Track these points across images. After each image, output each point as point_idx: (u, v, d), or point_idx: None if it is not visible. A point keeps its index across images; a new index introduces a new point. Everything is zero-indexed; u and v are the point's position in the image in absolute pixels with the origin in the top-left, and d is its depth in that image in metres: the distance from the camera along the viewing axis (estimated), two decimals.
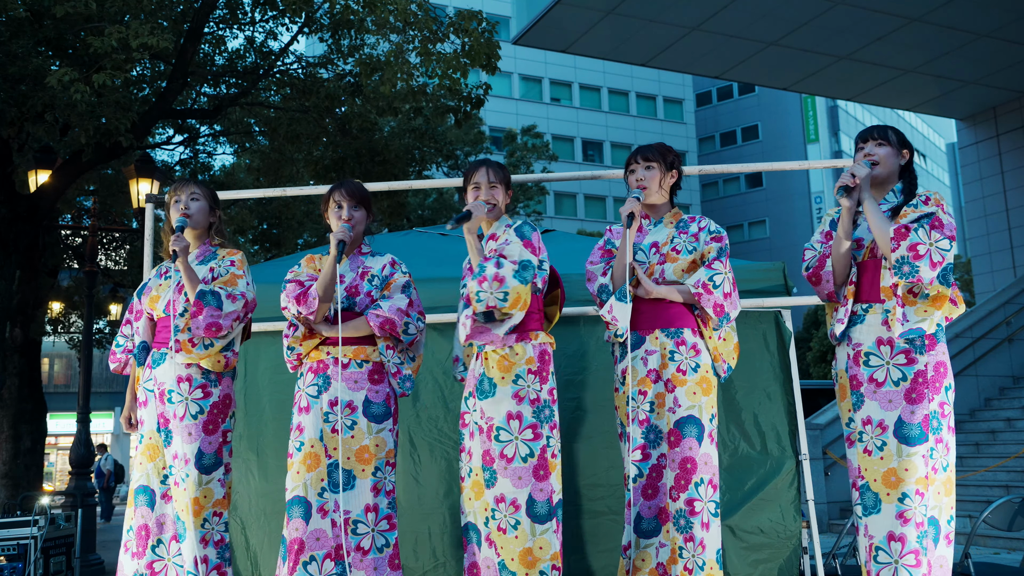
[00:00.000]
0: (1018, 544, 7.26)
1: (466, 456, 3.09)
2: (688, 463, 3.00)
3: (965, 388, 10.85)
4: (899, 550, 2.77)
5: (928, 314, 2.81)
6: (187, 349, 3.13)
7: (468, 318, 2.98)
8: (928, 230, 2.78)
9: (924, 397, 2.83)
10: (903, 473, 2.79)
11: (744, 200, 37.78)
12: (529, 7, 11.64)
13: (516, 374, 2.99)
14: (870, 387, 2.91)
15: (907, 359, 2.86)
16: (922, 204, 2.90)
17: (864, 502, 2.86)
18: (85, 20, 7.78)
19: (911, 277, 2.77)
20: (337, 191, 3.25)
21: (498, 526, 2.93)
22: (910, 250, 2.77)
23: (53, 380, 29.93)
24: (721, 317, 3.07)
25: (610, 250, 3.27)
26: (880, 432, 2.85)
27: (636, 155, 3.23)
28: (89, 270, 9.10)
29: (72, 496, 7.72)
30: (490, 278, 2.93)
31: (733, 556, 3.82)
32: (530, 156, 22.59)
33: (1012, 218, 13.56)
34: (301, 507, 3.01)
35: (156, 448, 3.22)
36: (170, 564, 3.16)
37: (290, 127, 10.41)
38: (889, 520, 2.79)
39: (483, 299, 2.92)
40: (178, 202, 3.32)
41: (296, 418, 3.15)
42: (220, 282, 3.22)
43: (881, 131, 3.05)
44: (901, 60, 11.87)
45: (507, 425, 2.96)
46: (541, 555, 2.90)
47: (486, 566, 2.98)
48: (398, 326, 3.11)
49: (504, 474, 2.93)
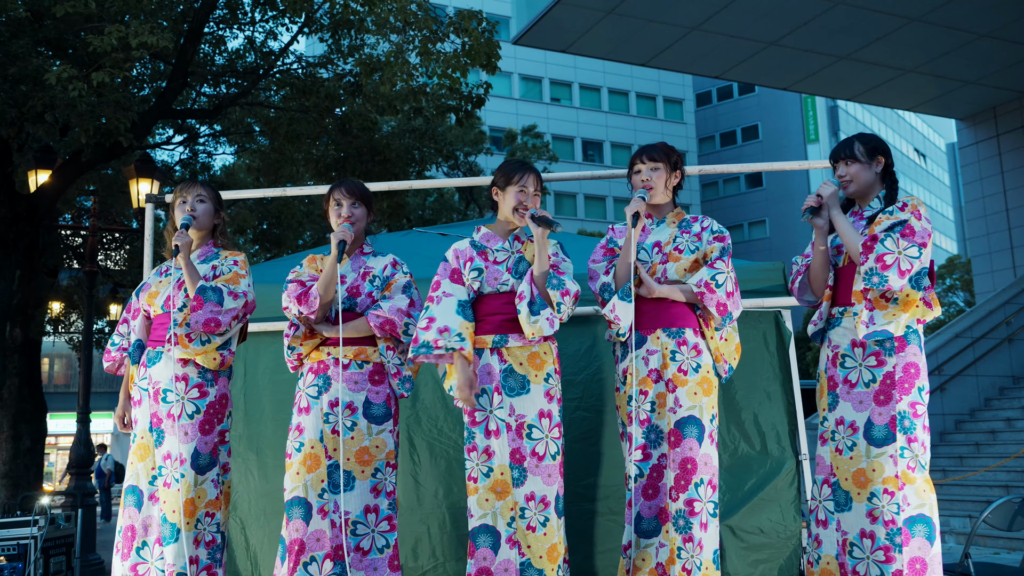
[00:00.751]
0: (1018, 544, 7.26)
1: (481, 455, 3.02)
2: (688, 463, 3.00)
3: (965, 388, 10.86)
4: (870, 546, 2.86)
5: (895, 317, 2.89)
6: (184, 344, 3.11)
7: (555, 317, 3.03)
8: (897, 239, 2.87)
9: (892, 398, 2.89)
10: (871, 473, 2.88)
11: (744, 200, 37.78)
12: (529, 7, 11.64)
13: (547, 373, 3.06)
14: (844, 388, 2.99)
15: (877, 361, 2.94)
16: (898, 211, 2.97)
17: (836, 499, 2.97)
18: (85, 20, 7.78)
19: (881, 286, 2.86)
20: (337, 190, 3.25)
21: (528, 524, 2.94)
22: (877, 261, 2.86)
23: (53, 380, 29.94)
24: (724, 316, 3.09)
25: (612, 248, 3.27)
26: (851, 432, 2.95)
27: (641, 155, 3.23)
28: (89, 270, 9.10)
29: (72, 496, 7.72)
30: (572, 293, 3.04)
31: (733, 556, 3.81)
32: (530, 156, 22.59)
33: (1012, 218, 13.56)
34: (301, 508, 3.01)
35: (147, 448, 3.19)
36: (152, 568, 3.11)
37: (290, 127, 10.41)
38: (860, 518, 2.89)
39: (563, 311, 3.03)
40: (184, 202, 3.33)
41: (296, 418, 3.15)
42: (222, 279, 3.22)
43: (848, 148, 3.11)
44: (901, 60, 11.87)
45: (539, 423, 3.01)
46: (560, 550, 2.98)
47: (503, 569, 2.93)
48: (398, 327, 3.11)
49: (536, 472, 2.97)
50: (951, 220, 49.29)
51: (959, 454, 9.97)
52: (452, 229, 5.63)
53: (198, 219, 3.31)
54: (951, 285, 32.97)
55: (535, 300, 3.01)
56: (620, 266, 3.14)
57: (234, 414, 4.03)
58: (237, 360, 3.86)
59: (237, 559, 3.99)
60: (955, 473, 9.37)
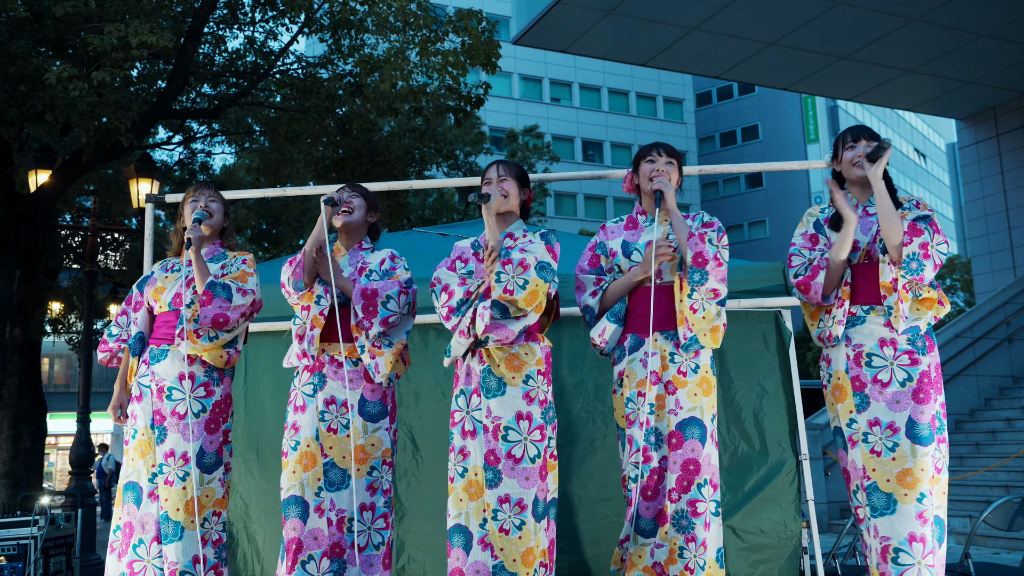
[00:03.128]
0: (1018, 544, 7.26)
1: (458, 456, 3.01)
2: (691, 464, 2.99)
3: (965, 388, 10.86)
4: (921, 551, 2.77)
5: (921, 313, 2.88)
6: (192, 339, 3.12)
7: (486, 309, 2.94)
8: (932, 232, 2.85)
9: (930, 397, 2.88)
10: (919, 473, 2.81)
11: (744, 200, 37.78)
12: (529, 7, 11.64)
13: (527, 374, 2.99)
14: (875, 388, 2.91)
15: (911, 360, 2.90)
16: (914, 208, 2.96)
17: (873, 503, 2.84)
18: (85, 20, 7.78)
19: (916, 274, 2.81)
20: (340, 190, 3.35)
21: (500, 527, 2.89)
22: (922, 247, 2.82)
23: (53, 380, 29.93)
24: (701, 268, 2.97)
25: (599, 256, 3.23)
26: (891, 433, 2.86)
27: (657, 147, 3.21)
28: (89, 270, 9.09)
29: (72, 496, 7.71)
30: (515, 262, 2.94)
31: (734, 556, 3.81)
32: (531, 156, 22.59)
33: (1012, 218, 13.55)
34: (298, 507, 3.02)
35: (148, 445, 3.19)
36: (149, 565, 3.10)
37: (290, 127, 10.41)
38: (908, 521, 2.78)
39: (503, 281, 2.92)
40: (196, 201, 3.35)
41: (291, 416, 3.15)
42: (231, 276, 3.24)
43: (872, 133, 3.09)
44: (901, 60, 11.87)
45: (516, 425, 2.94)
46: (537, 553, 2.91)
47: (475, 571, 2.89)
48: (379, 296, 3.07)
49: (511, 474, 2.91)
50: (951, 220, 49.29)
51: (959, 454, 9.97)
52: (452, 229, 5.63)
53: (212, 217, 3.34)
54: (951, 285, 32.99)
55: (464, 300, 3.01)
56: (614, 289, 3.13)
57: (236, 413, 4.05)
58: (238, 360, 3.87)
59: (239, 558, 4.00)
60: (955, 473, 9.36)
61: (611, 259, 3.21)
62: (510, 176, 3.18)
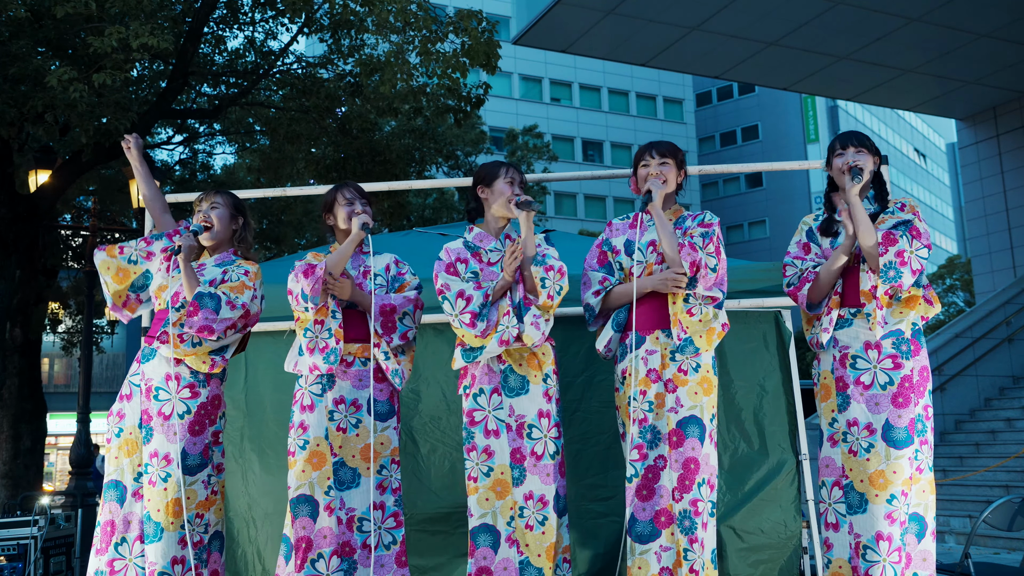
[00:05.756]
0: (1018, 544, 7.26)
1: (481, 455, 3.04)
2: (691, 463, 3.00)
3: (965, 388, 10.86)
4: (887, 548, 2.85)
5: (903, 315, 2.92)
6: (176, 344, 3.10)
7: (538, 318, 3.01)
8: (910, 238, 2.89)
9: (910, 401, 2.91)
10: (891, 475, 2.87)
11: (744, 200, 37.78)
12: (529, 7, 11.64)
13: (546, 373, 3.09)
14: (857, 389, 2.97)
15: (894, 364, 2.93)
16: (898, 211, 3.00)
17: (849, 501, 2.94)
18: (85, 20, 7.78)
19: (895, 282, 2.86)
20: (346, 188, 3.29)
21: (526, 523, 2.97)
22: (897, 256, 2.87)
23: (53, 380, 29.89)
24: (692, 277, 3.00)
25: (606, 252, 3.26)
26: (867, 435, 2.92)
27: (649, 150, 3.21)
28: (89, 270, 9.10)
29: (72, 496, 7.71)
30: (555, 268, 3.05)
31: (733, 556, 3.81)
32: (531, 156, 22.58)
33: (1012, 218, 13.55)
34: (308, 506, 3.03)
35: (135, 444, 3.16)
36: (131, 564, 3.09)
37: (290, 127, 10.41)
38: (877, 520, 2.86)
39: (547, 287, 3.02)
40: (199, 212, 3.35)
41: (299, 416, 3.14)
42: (226, 286, 3.19)
43: (860, 137, 3.12)
44: (901, 60, 11.87)
45: (539, 423, 3.03)
46: (559, 548, 2.99)
47: (503, 568, 2.97)
48: (397, 312, 3.15)
49: (534, 471, 3.00)
50: (951, 220, 49.28)
51: (959, 454, 9.97)
52: (452, 229, 5.62)
53: (213, 227, 3.32)
54: (951, 285, 32.98)
55: (518, 306, 3.03)
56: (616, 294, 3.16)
57: (236, 414, 4.05)
58: (238, 360, 3.87)
59: (239, 559, 3.99)
60: (955, 473, 9.37)
61: (614, 256, 3.23)
62: (523, 183, 3.23)
